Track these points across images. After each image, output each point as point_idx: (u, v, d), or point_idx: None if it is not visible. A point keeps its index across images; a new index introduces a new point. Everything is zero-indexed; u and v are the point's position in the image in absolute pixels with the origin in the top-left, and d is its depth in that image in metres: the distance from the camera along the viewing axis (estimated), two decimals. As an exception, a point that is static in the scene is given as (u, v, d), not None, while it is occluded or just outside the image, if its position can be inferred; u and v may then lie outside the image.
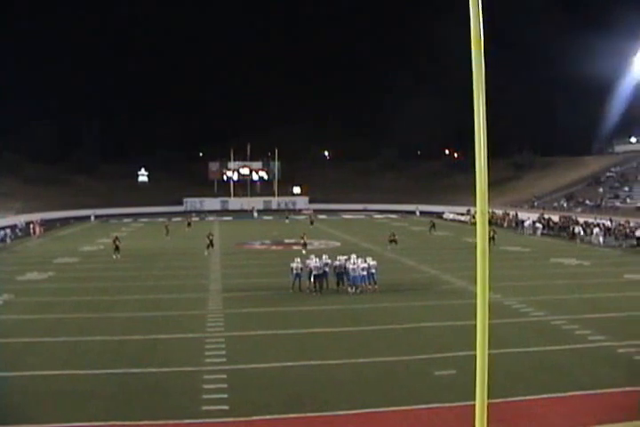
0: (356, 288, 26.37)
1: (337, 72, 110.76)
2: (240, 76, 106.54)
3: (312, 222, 63.51)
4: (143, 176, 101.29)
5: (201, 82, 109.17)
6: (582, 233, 47.30)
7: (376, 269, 26.74)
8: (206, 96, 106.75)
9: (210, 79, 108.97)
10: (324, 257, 27.21)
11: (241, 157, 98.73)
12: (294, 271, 26.84)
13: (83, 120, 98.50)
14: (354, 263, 26.53)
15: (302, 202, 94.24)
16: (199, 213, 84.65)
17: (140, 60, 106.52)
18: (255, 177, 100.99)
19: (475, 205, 7.92)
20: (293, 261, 27.27)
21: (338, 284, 26.81)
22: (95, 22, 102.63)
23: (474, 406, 7.80)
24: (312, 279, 26.53)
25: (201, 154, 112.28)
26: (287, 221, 70.35)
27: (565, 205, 66.96)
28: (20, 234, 55.27)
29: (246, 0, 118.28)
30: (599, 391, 14.43)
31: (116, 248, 39.23)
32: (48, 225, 61.14)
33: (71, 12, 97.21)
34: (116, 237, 40.96)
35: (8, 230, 52.02)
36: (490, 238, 42.42)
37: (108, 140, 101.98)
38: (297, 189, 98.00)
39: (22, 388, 15.12)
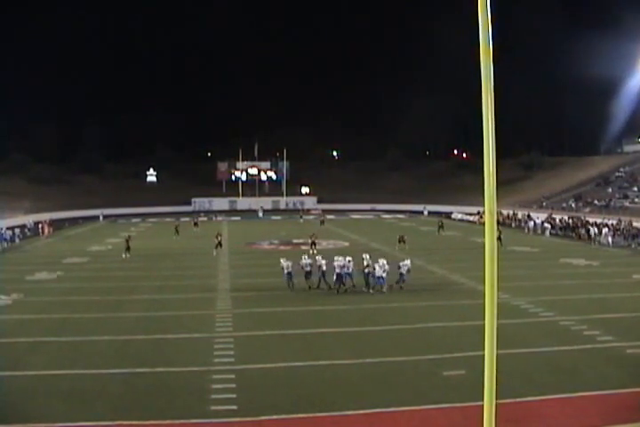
0: (376, 288, 26.53)
1: (345, 72, 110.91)
2: (247, 76, 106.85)
3: (322, 222, 63.51)
4: (152, 176, 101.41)
5: (209, 82, 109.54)
6: (594, 234, 47.20)
7: (409, 269, 27.17)
8: (214, 96, 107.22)
9: (218, 79, 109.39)
10: (347, 258, 27.33)
11: (249, 157, 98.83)
12: (285, 270, 27.27)
13: (87, 120, 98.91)
14: (376, 263, 26.84)
15: (310, 202, 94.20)
16: (208, 213, 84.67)
17: (143, 60, 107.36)
18: (263, 177, 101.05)
19: (483, 205, 7.91)
20: (283, 259, 27.78)
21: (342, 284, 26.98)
22: (97, 22, 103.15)
23: (482, 406, 7.79)
24: (335, 278, 26.74)
25: (209, 154, 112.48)
26: (301, 220, 70.51)
27: (574, 205, 66.77)
28: (28, 234, 55.44)
29: (247, 0, 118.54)
30: (608, 392, 14.39)
31: (128, 248, 39.36)
32: (57, 225, 61.27)
33: (73, 12, 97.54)
34: (129, 237, 41.08)
35: (17, 230, 52.20)
36: (496, 239, 42.40)
37: (115, 139, 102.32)
38: (305, 189, 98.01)
39: (29, 387, 15.19)
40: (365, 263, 27.23)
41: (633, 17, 71.19)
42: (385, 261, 26.71)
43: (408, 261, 27.51)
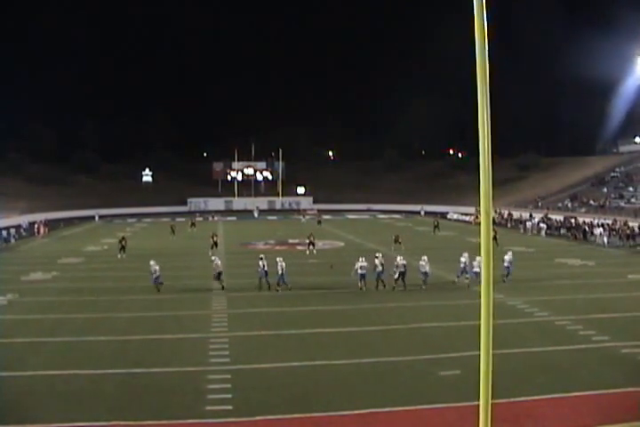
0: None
1: (341, 72, 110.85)
2: (244, 76, 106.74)
3: (319, 222, 63.48)
4: (147, 176, 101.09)
5: (205, 82, 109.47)
6: (590, 234, 47.31)
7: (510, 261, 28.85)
8: (210, 96, 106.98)
9: (214, 79, 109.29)
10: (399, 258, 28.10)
11: (245, 157, 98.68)
12: (153, 275, 27.38)
13: (84, 120, 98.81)
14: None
15: (306, 202, 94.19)
16: (203, 213, 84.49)
17: (142, 60, 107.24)
18: (259, 177, 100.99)
19: (479, 205, 7.93)
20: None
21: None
22: (96, 22, 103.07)
23: (478, 406, 7.81)
24: (397, 276, 27.47)
25: (205, 154, 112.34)
26: (303, 220, 70.23)
27: (570, 205, 66.83)
28: (24, 234, 55.32)
29: (247, 0, 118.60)
30: (603, 392, 14.43)
31: (122, 248, 39.34)
32: (52, 225, 61.13)
33: (72, 12, 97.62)
34: (123, 237, 41.00)
35: (12, 230, 52.06)
36: (492, 239, 42.44)
37: (111, 140, 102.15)
38: (301, 190, 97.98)
39: (26, 388, 15.17)
40: (378, 262, 27.70)
41: (628, 17, 71.24)
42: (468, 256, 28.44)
43: (510, 254, 29.00)
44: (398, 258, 27.93)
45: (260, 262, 27.86)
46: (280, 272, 27.16)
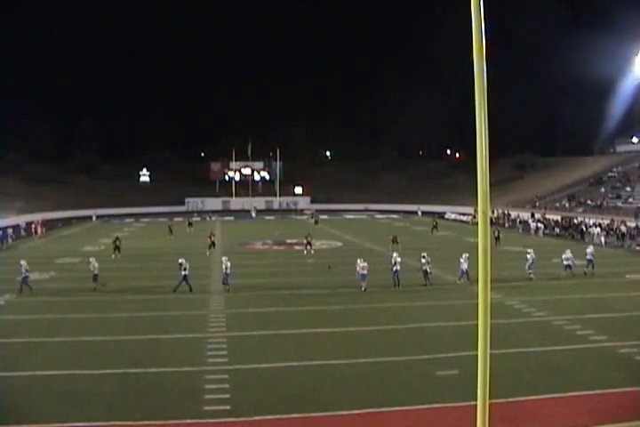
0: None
1: (339, 72, 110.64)
2: (242, 76, 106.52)
3: (317, 222, 63.36)
4: (145, 176, 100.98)
5: (203, 82, 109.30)
6: (587, 233, 47.35)
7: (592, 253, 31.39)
8: (208, 96, 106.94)
9: (212, 79, 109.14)
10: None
11: (242, 157, 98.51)
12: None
13: (83, 120, 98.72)
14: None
15: (304, 202, 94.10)
16: (201, 213, 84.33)
17: (141, 60, 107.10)
18: (257, 177, 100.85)
19: (477, 205, 7.92)
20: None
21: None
22: (96, 22, 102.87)
23: (476, 406, 7.80)
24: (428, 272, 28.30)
25: (202, 154, 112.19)
26: (311, 220, 69.63)
27: (567, 205, 66.86)
28: (21, 234, 55.18)
29: (247, 0, 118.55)
30: (601, 392, 14.45)
31: (116, 248, 39.30)
32: (50, 225, 61.03)
33: (72, 11, 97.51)
34: (117, 238, 40.98)
35: (10, 230, 51.88)
36: (495, 238, 42.53)
37: (108, 140, 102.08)
38: (298, 190, 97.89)
39: (23, 388, 15.16)
40: (393, 261, 27.86)
41: (626, 18, 71.27)
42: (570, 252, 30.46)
43: (591, 248, 31.03)
44: (424, 254, 28.51)
45: (181, 266, 27.47)
46: (224, 271, 27.14)
